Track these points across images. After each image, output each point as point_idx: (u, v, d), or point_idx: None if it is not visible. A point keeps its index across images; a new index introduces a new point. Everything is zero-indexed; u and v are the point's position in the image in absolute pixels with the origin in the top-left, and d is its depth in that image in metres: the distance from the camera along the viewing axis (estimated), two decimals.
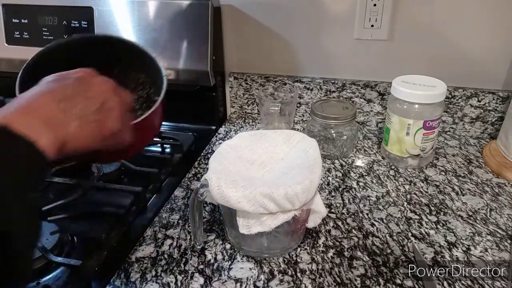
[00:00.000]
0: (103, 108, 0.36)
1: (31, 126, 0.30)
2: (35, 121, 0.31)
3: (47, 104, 0.33)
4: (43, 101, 0.33)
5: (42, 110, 0.32)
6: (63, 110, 0.33)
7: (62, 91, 0.34)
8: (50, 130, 0.31)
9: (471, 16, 0.69)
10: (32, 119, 0.31)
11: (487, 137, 0.76)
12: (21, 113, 0.31)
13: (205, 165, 0.69)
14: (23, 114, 0.31)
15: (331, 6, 0.74)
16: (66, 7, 0.78)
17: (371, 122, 0.81)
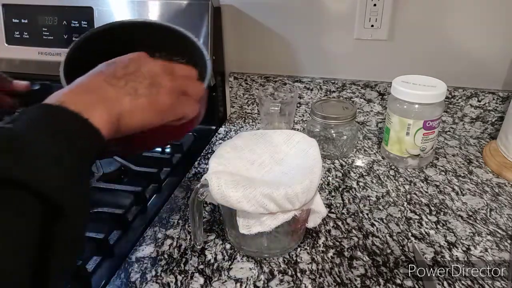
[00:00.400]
0: (154, 84, 0.36)
1: (83, 104, 0.30)
2: (87, 99, 0.31)
3: (98, 83, 0.33)
4: (93, 81, 0.34)
5: (93, 90, 0.33)
6: (113, 87, 0.33)
7: (112, 72, 0.35)
8: (102, 107, 0.31)
9: (471, 16, 0.69)
10: (84, 98, 0.31)
11: (487, 137, 0.76)
12: (73, 93, 0.32)
13: (205, 165, 0.69)
14: (75, 94, 0.32)
15: (331, 6, 0.74)
16: (66, 7, 0.78)
17: (371, 122, 0.81)
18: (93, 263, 0.48)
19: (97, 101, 0.32)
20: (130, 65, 0.36)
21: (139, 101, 0.34)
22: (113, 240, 0.52)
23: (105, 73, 0.35)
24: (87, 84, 0.33)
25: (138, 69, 0.36)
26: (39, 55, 0.79)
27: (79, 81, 0.33)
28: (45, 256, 0.25)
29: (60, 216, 0.26)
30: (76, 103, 0.30)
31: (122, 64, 0.36)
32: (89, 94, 0.32)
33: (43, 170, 0.26)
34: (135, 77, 0.35)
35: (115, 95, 0.33)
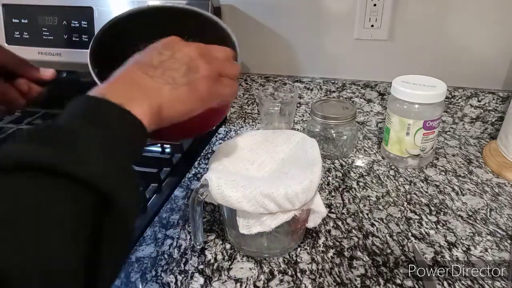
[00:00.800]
0: (191, 69, 0.35)
1: (124, 96, 0.30)
2: (127, 92, 0.31)
3: (136, 75, 0.33)
4: (131, 73, 0.33)
5: (132, 82, 0.32)
6: (151, 77, 0.33)
7: (148, 61, 0.34)
8: (142, 99, 0.31)
9: (471, 16, 0.69)
10: (124, 90, 0.31)
11: (487, 137, 0.76)
12: (113, 86, 0.32)
13: (205, 165, 0.69)
14: (115, 86, 0.32)
15: (331, 6, 0.74)
16: (66, 7, 0.78)
17: (371, 122, 0.81)
18: None
19: (137, 93, 0.32)
20: (165, 52, 0.35)
21: (178, 91, 0.34)
22: None
23: (141, 63, 0.34)
24: (125, 76, 0.33)
25: (173, 55, 0.35)
26: (39, 55, 0.79)
27: (117, 74, 0.33)
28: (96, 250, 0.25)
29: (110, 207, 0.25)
30: (117, 96, 0.30)
31: (157, 51, 0.35)
32: (128, 86, 0.32)
33: (91, 160, 0.25)
34: (172, 64, 0.35)
35: (154, 86, 0.33)
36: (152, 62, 0.34)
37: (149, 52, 0.36)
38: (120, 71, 0.34)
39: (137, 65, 0.34)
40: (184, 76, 0.35)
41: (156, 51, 0.36)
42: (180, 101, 0.34)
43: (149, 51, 0.36)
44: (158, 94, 0.33)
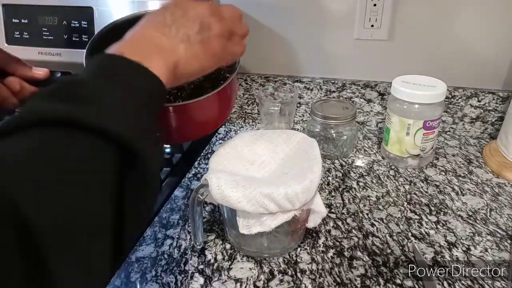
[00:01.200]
0: (204, 28, 0.36)
1: (141, 54, 0.31)
2: (143, 50, 0.32)
3: (150, 34, 0.33)
4: (146, 32, 0.34)
5: (147, 40, 0.33)
6: (166, 36, 0.34)
7: (161, 20, 0.35)
8: (159, 57, 0.32)
9: (471, 16, 0.69)
10: (140, 49, 0.32)
11: (487, 137, 0.76)
12: (129, 44, 0.32)
13: (205, 165, 0.69)
14: (132, 45, 0.32)
15: (331, 6, 0.74)
16: (66, 7, 0.78)
17: (371, 122, 0.81)
18: None
19: (153, 51, 0.32)
20: (177, 11, 0.36)
21: (193, 48, 0.34)
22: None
23: (155, 22, 0.35)
24: (141, 35, 0.34)
25: (185, 14, 0.36)
26: (39, 55, 0.79)
27: (131, 33, 0.34)
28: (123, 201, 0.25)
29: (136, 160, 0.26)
30: (135, 54, 0.30)
31: (169, 11, 0.36)
32: (145, 45, 0.33)
33: (114, 115, 0.26)
34: (185, 22, 0.35)
35: (170, 44, 0.33)
36: (165, 21, 0.35)
37: (161, 12, 0.36)
38: (134, 30, 0.34)
39: (151, 24, 0.35)
40: (198, 33, 0.35)
41: (168, 11, 0.36)
42: (195, 58, 0.35)
43: (161, 11, 0.36)
44: (174, 52, 0.33)
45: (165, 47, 0.33)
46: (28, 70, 0.47)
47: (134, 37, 0.34)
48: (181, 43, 0.34)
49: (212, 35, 0.36)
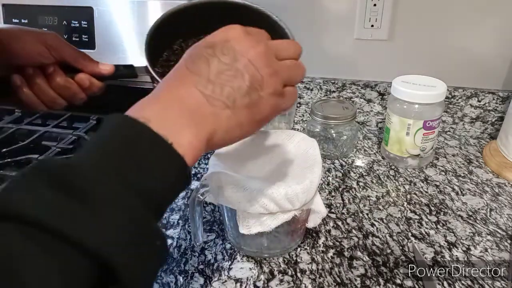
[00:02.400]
0: (254, 85, 0.29)
1: (170, 123, 0.25)
2: (175, 116, 0.26)
3: (188, 92, 0.27)
4: (182, 89, 0.28)
5: (182, 102, 0.27)
6: (207, 98, 0.27)
7: (204, 70, 0.28)
8: (193, 127, 0.26)
9: (471, 16, 0.69)
10: (171, 114, 0.26)
11: (487, 137, 0.76)
12: (159, 106, 0.26)
13: (205, 165, 0.69)
14: (161, 108, 0.26)
15: (331, 6, 0.74)
16: (66, 7, 0.78)
17: (371, 122, 0.81)
18: None
19: (187, 120, 0.26)
20: (224, 57, 0.29)
21: (237, 116, 0.28)
22: None
23: (196, 73, 0.28)
24: (175, 94, 0.27)
25: (234, 63, 0.29)
26: None
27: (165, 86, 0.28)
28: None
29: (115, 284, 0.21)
30: (163, 122, 0.25)
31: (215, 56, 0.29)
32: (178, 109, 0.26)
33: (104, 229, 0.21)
34: (233, 78, 0.28)
35: (210, 111, 0.27)
36: (208, 73, 0.28)
37: (206, 55, 0.29)
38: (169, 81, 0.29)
39: (191, 76, 0.28)
40: (246, 95, 0.28)
41: (214, 55, 0.29)
42: (238, 127, 0.29)
43: (207, 51, 0.29)
44: (213, 121, 0.27)
45: (203, 114, 0.27)
46: (95, 66, 0.46)
47: (168, 95, 0.27)
48: (224, 110, 0.28)
49: (263, 96, 0.29)
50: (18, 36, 0.43)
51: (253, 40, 0.30)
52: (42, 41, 0.43)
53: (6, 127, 0.77)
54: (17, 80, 0.43)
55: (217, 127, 0.28)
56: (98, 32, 0.77)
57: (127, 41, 0.78)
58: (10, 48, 0.42)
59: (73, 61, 0.45)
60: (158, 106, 0.27)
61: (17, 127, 0.77)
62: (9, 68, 0.43)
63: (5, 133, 0.74)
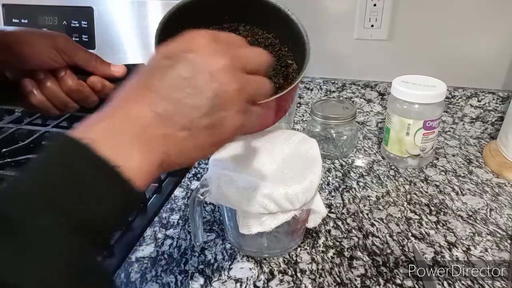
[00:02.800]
0: (216, 105, 0.25)
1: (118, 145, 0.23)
2: (123, 137, 0.24)
3: (139, 112, 0.24)
4: (136, 106, 0.25)
5: (133, 122, 0.24)
6: (161, 117, 0.24)
7: (159, 87, 0.25)
8: (144, 150, 0.24)
9: (471, 16, 0.69)
10: (120, 135, 0.24)
11: (487, 137, 0.76)
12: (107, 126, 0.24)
13: (205, 165, 0.69)
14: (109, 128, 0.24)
15: (331, 6, 0.74)
16: (66, 7, 0.78)
17: (371, 122, 0.81)
18: None
19: (138, 141, 0.24)
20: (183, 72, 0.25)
21: (196, 138, 0.26)
22: (113, 240, 0.52)
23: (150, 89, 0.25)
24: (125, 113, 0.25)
25: (194, 80, 0.25)
26: None
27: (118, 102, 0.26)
28: None
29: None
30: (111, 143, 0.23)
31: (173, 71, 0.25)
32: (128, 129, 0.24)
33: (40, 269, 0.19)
34: (191, 96, 0.25)
35: (163, 132, 0.25)
36: (163, 89, 0.25)
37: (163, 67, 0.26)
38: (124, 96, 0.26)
39: (144, 91, 0.25)
40: (206, 115, 0.25)
41: (172, 68, 0.26)
42: (196, 148, 0.26)
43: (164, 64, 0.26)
44: (166, 143, 0.25)
45: (154, 136, 0.24)
46: (107, 68, 0.46)
47: (118, 113, 0.25)
48: (179, 131, 0.25)
49: (228, 114, 0.26)
50: (29, 41, 0.42)
51: (219, 51, 0.27)
52: (54, 45, 0.42)
53: (6, 127, 0.77)
54: (28, 85, 0.43)
55: (171, 150, 0.25)
56: (98, 32, 0.77)
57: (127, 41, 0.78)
58: (21, 53, 0.41)
59: (85, 65, 0.45)
60: (107, 125, 0.24)
61: (17, 127, 0.77)
62: (20, 72, 0.43)
63: (5, 133, 0.75)
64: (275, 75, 0.46)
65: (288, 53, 0.49)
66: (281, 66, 0.48)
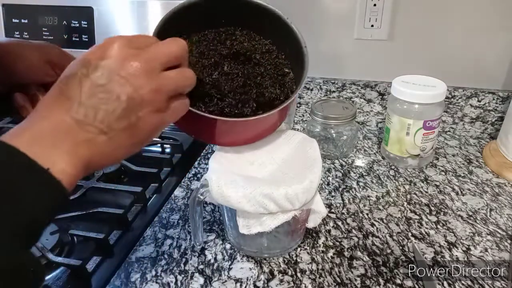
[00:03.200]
0: (131, 107, 0.27)
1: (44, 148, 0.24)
2: (47, 141, 0.25)
3: (59, 118, 0.26)
4: (56, 114, 0.26)
5: (54, 128, 0.26)
6: (80, 123, 0.26)
7: (75, 94, 0.26)
8: (65, 154, 0.25)
9: (471, 16, 0.69)
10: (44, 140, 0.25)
11: (487, 137, 0.76)
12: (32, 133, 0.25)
13: (205, 165, 0.69)
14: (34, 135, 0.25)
15: (331, 6, 0.74)
16: (66, 7, 0.78)
17: (371, 122, 0.81)
18: (93, 263, 0.48)
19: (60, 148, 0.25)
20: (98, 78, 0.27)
21: (115, 140, 0.27)
22: (113, 240, 0.52)
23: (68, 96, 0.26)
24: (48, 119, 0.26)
25: (108, 84, 0.27)
26: None
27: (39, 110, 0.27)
28: None
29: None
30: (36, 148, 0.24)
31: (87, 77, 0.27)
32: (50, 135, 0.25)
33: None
34: (106, 100, 0.26)
35: (83, 137, 0.26)
36: (80, 96, 0.26)
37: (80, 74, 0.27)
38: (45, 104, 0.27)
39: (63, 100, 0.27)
40: (123, 118, 0.27)
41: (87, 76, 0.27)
42: (118, 149, 0.28)
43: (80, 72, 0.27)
44: (87, 147, 0.26)
45: (76, 141, 0.26)
46: None
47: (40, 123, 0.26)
48: (99, 135, 0.26)
49: (144, 115, 0.28)
50: (22, 55, 0.41)
51: (133, 55, 0.28)
52: (47, 59, 0.42)
53: (6, 127, 0.77)
54: (20, 100, 0.42)
55: (93, 153, 0.27)
56: (98, 32, 0.77)
57: None
58: (13, 68, 0.41)
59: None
60: (31, 133, 0.25)
61: None
62: (11, 85, 0.42)
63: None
64: (272, 84, 0.46)
65: (285, 61, 0.49)
66: (278, 75, 0.47)
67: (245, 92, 0.43)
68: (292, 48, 0.46)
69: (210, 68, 0.44)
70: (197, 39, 0.46)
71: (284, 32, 0.46)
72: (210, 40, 0.47)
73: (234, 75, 0.45)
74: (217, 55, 0.46)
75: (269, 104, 0.43)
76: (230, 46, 0.47)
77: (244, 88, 0.44)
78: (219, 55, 0.46)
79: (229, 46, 0.47)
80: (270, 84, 0.46)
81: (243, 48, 0.47)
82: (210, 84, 0.43)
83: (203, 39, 0.47)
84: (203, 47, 0.46)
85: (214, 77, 0.43)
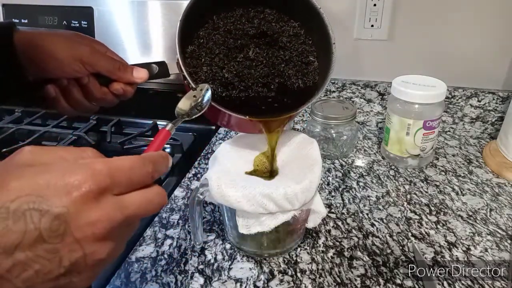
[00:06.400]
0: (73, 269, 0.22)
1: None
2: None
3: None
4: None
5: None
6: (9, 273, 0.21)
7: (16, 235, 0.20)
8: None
9: (471, 16, 0.69)
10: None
11: (487, 137, 0.76)
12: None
13: (205, 165, 0.69)
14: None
15: (331, 6, 0.74)
16: (66, 7, 0.78)
17: (371, 122, 0.81)
18: None
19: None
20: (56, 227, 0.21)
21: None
22: None
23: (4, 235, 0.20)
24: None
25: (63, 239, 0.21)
26: None
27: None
28: None
29: None
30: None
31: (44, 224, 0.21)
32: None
33: None
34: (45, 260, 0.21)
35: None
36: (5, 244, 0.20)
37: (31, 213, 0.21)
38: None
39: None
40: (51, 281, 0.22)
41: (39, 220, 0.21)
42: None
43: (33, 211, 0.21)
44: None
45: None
46: (130, 76, 0.46)
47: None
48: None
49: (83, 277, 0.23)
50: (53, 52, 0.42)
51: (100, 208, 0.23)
52: (79, 58, 0.43)
53: (6, 127, 0.77)
54: (52, 91, 0.43)
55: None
56: (98, 32, 0.77)
57: (127, 41, 0.78)
58: (44, 64, 0.42)
59: (109, 74, 0.45)
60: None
61: (17, 127, 0.77)
62: (43, 79, 0.43)
63: (5, 133, 0.75)
64: (295, 74, 0.45)
65: (312, 48, 0.47)
66: (302, 62, 0.46)
67: (267, 84, 0.44)
68: (320, 38, 0.46)
69: (236, 50, 0.44)
70: (225, 15, 0.45)
71: (314, 22, 0.46)
72: (238, 17, 0.45)
73: (258, 62, 0.44)
74: (244, 35, 0.44)
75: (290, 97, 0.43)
76: (258, 26, 0.45)
77: (268, 78, 0.44)
78: (246, 36, 0.44)
79: (257, 25, 0.45)
80: (293, 74, 0.45)
81: (270, 28, 0.46)
82: (233, 73, 0.43)
83: (231, 15, 0.45)
84: (230, 24, 0.45)
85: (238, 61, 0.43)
